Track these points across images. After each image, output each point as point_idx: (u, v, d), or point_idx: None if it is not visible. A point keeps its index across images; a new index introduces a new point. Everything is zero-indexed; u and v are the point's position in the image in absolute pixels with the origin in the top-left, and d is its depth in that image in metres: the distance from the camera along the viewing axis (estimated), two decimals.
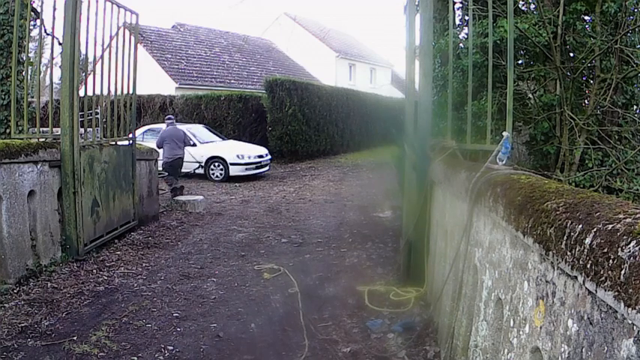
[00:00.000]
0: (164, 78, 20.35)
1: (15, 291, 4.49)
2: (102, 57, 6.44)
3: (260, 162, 13.83)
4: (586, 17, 7.20)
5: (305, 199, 10.70)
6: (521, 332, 1.82)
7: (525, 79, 7.48)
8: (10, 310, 4.12)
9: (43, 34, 7.43)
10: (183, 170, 13.49)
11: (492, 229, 2.35)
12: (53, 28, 6.01)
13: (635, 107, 7.30)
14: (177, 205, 9.12)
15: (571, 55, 7.37)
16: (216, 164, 13.39)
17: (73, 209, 5.53)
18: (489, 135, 4.00)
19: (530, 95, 7.47)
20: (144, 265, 5.71)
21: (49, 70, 10.76)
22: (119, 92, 6.84)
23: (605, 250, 1.17)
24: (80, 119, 5.86)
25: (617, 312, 1.11)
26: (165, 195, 9.96)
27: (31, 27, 7.58)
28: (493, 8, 4.34)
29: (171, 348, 3.65)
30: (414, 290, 4.73)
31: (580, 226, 1.36)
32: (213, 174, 13.39)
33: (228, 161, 13.22)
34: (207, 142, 13.92)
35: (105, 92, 6.41)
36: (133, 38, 7.14)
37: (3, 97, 8.82)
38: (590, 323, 1.26)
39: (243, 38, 26.28)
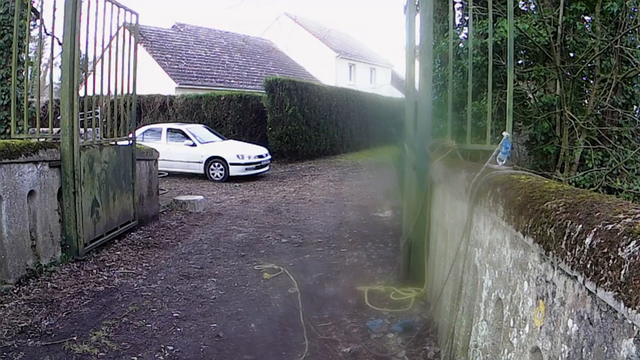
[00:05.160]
0: (164, 78, 20.36)
1: (15, 291, 4.49)
2: (102, 57, 6.44)
3: (260, 162, 13.83)
4: (586, 17, 7.19)
5: (305, 199, 10.70)
6: (521, 332, 1.82)
7: (525, 79, 7.47)
8: (10, 310, 4.12)
9: (43, 34, 7.43)
10: (182, 170, 13.60)
11: (492, 229, 2.35)
12: (53, 28, 6.01)
13: (635, 107, 7.29)
14: (177, 205, 9.13)
15: (571, 55, 7.35)
16: (216, 164, 13.39)
17: (73, 209, 5.53)
18: (489, 135, 4.00)
19: (530, 95, 7.45)
20: (144, 265, 5.71)
21: (49, 70, 10.76)
22: (119, 92, 6.84)
23: (605, 250, 1.17)
24: (80, 119, 5.86)
25: (617, 312, 1.11)
26: (166, 195, 9.96)
27: (31, 27, 7.57)
28: (493, 8, 4.34)
29: (171, 348, 3.65)
30: (414, 290, 4.73)
31: (580, 226, 1.36)
32: (213, 174, 13.39)
33: (228, 161, 13.23)
34: (207, 142, 13.93)
35: (105, 92, 6.41)
36: (133, 38, 7.14)
37: (3, 97, 8.80)
38: (590, 323, 1.26)
39: (243, 38, 26.29)
